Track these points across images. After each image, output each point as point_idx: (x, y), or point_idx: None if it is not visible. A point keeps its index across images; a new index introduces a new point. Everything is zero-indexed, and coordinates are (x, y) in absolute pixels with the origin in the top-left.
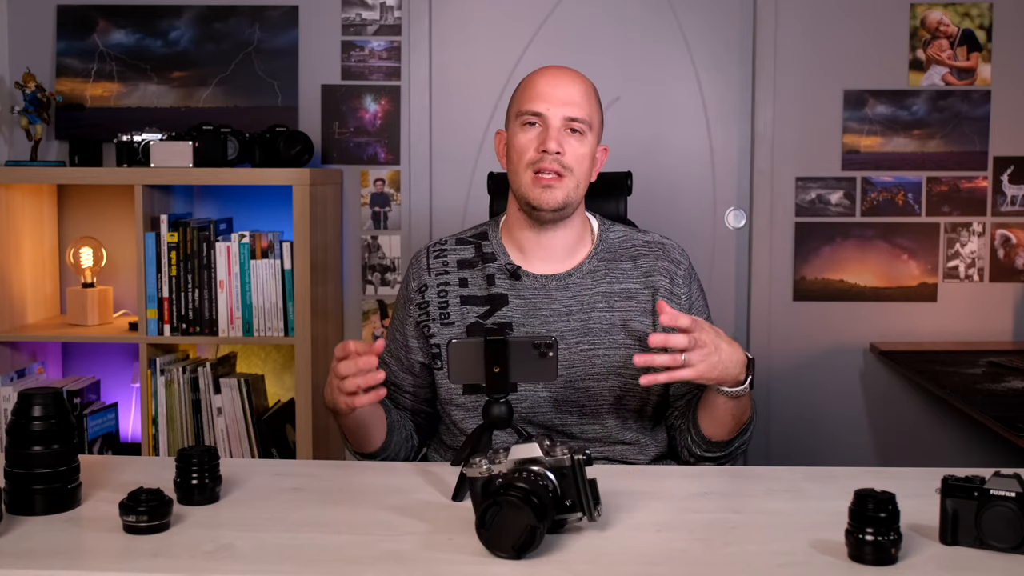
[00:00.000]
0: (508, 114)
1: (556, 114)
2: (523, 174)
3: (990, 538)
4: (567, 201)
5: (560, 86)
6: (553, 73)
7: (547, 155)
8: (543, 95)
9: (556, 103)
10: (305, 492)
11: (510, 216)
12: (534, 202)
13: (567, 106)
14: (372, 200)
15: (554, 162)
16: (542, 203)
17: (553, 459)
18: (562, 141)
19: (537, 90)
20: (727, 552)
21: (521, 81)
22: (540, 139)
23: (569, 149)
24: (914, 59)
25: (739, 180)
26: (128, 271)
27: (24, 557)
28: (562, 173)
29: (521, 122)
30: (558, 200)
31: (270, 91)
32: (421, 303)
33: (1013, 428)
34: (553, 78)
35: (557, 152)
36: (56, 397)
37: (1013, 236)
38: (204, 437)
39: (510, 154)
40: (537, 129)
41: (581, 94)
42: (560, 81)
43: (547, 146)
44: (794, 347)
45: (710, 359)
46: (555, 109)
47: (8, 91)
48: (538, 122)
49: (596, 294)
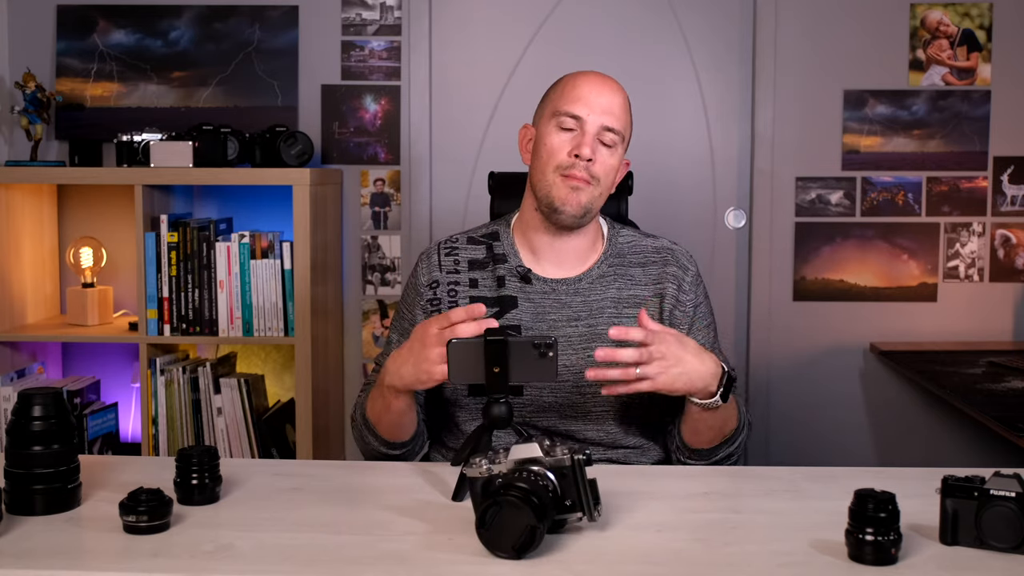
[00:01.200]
0: (541, 110)
1: (595, 121)
2: (550, 175)
3: (990, 538)
4: (589, 206)
5: (603, 94)
6: (597, 79)
7: (579, 161)
8: (585, 99)
9: (597, 110)
10: (305, 492)
11: (524, 216)
12: (557, 203)
13: (607, 115)
14: (372, 200)
15: (584, 170)
16: (566, 204)
17: (553, 459)
18: (595, 149)
19: (579, 92)
20: (727, 552)
21: (560, 79)
22: (574, 143)
23: (600, 159)
24: (914, 59)
25: (739, 180)
26: (128, 271)
27: (24, 557)
28: (589, 181)
29: (557, 122)
30: (582, 203)
31: (270, 91)
32: (432, 299)
33: (1013, 428)
34: (597, 84)
35: (589, 159)
36: (56, 397)
37: (1013, 236)
38: (204, 437)
39: (539, 151)
40: (572, 132)
41: (621, 106)
42: (604, 88)
43: (581, 151)
44: (794, 347)
45: (670, 371)
46: (595, 116)
47: (8, 91)
48: (575, 126)
49: (605, 300)
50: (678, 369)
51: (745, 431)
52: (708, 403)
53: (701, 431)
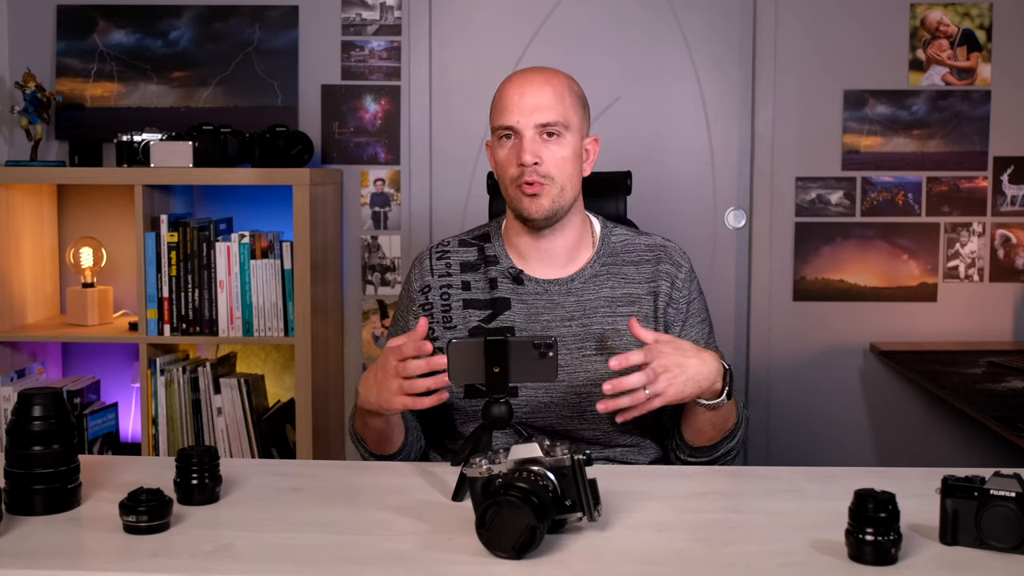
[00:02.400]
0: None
1: (526, 124)
2: (509, 189)
3: (990, 538)
4: (553, 208)
5: (527, 93)
6: (519, 81)
7: (525, 168)
8: (511, 106)
9: (525, 112)
10: (305, 492)
11: (509, 221)
12: (524, 213)
13: (536, 113)
14: (372, 200)
15: (532, 173)
16: (530, 213)
17: (553, 459)
18: (538, 150)
19: (505, 102)
20: (727, 552)
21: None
22: (516, 152)
23: (547, 156)
24: (914, 59)
25: (739, 180)
26: (128, 271)
27: (24, 557)
28: (543, 182)
29: (497, 136)
30: (544, 208)
31: (270, 91)
32: (425, 304)
33: (1013, 428)
34: (520, 86)
35: (535, 163)
36: (56, 397)
37: (1013, 236)
38: (204, 437)
39: (496, 170)
40: (512, 142)
41: (550, 96)
42: (526, 88)
43: (522, 159)
44: (794, 347)
45: (677, 381)
46: (524, 119)
47: (8, 91)
48: (512, 134)
49: (598, 299)
50: (684, 377)
51: (743, 425)
52: (715, 403)
53: (705, 430)
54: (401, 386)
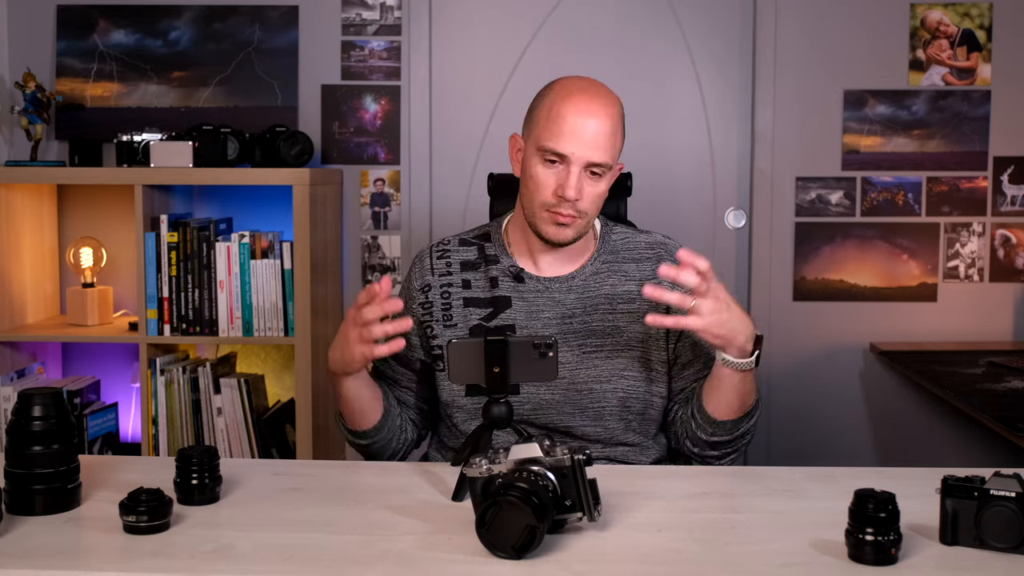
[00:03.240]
0: (528, 129)
1: (580, 159)
2: (536, 209)
3: (990, 538)
4: (576, 236)
5: (588, 126)
6: (583, 108)
7: (563, 201)
8: (568, 134)
9: (581, 146)
10: (305, 492)
11: (518, 220)
12: (544, 235)
13: (592, 150)
14: (372, 200)
15: (570, 208)
16: (553, 238)
17: (553, 459)
18: (582, 187)
19: (563, 127)
20: (727, 552)
21: (546, 100)
22: (559, 180)
23: (587, 192)
24: (914, 59)
25: (739, 180)
26: (128, 271)
27: (24, 557)
28: (576, 216)
29: (542, 156)
30: (568, 237)
31: (270, 91)
32: (424, 303)
33: (1013, 428)
34: (583, 115)
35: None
36: (56, 397)
37: (1013, 236)
38: (204, 437)
39: (526, 181)
40: (558, 168)
41: (608, 134)
42: (589, 119)
43: (566, 193)
44: (794, 347)
45: (719, 314)
46: (580, 153)
47: (8, 91)
48: (559, 161)
49: (599, 296)
50: (726, 315)
51: (759, 408)
52: (742, 363)
53: (730, 399)
54: (360, 334)
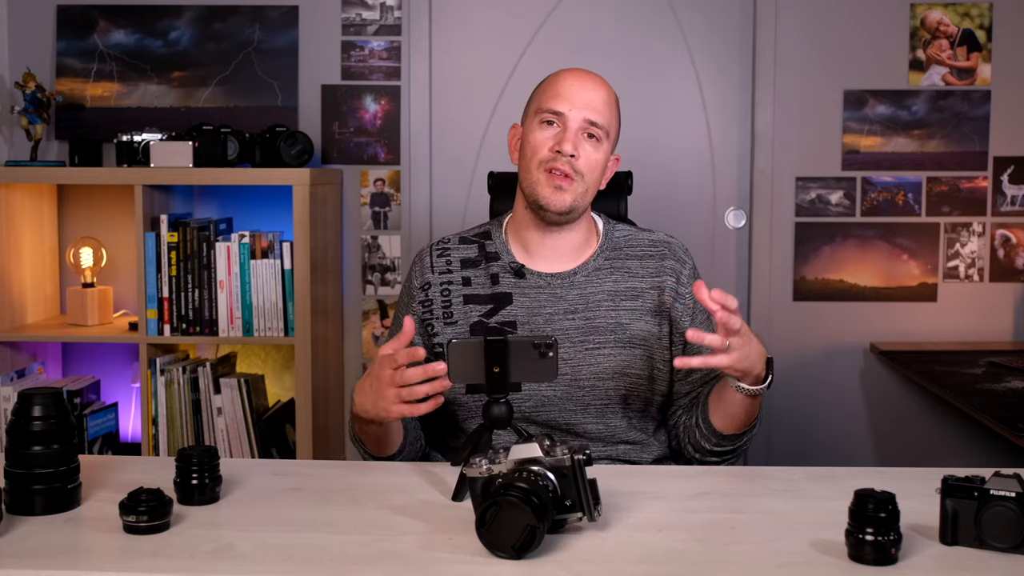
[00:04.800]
0: (527, 109)
1: (576, 116)
2: (534, 171)
3: (990, 538)
4: (574, 205)
5: (585, 88)
6: (579, 75)
7: (561, 156)
8: (566, 95)
9: (578, 105)
10: (305, 492)
11: (516, 214)
12: (542, 201)
13: (588, 109)
14: (372, 200)
15: (567, 164)
16: (550, 204)
17: (553, 459)
18: (578, 144)
19: (561, 88)
20: (727, 552)
21: (545, 78)
22: (556, 139)
23: (584, 154)
24: (914, 59)
25: (739, 180)
26: (128, 271)
27: (24, 557)
28: (573, 176)
29: (540, 119)
30: (566, 203)
31: (270, 91)
32: (424, 300)
33: (1013, 428)
34: (579, 79)
35: (572, 155)
36: (56, 397)
37: (1013, 236)
38: (204, 437)
39: (524, 149)
40: (555, 128)
41: (604, 100)
42: (585, 84)
43: (562, 147)
44: (794, 347)
45: (744, 348)
46: (576, 111)
47: (8, 91)
48: (557, 121)
49: (601, 292)
50: (748, 348)
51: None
52: (755, 390)
53: (738, 416)
54: (399, 394)
